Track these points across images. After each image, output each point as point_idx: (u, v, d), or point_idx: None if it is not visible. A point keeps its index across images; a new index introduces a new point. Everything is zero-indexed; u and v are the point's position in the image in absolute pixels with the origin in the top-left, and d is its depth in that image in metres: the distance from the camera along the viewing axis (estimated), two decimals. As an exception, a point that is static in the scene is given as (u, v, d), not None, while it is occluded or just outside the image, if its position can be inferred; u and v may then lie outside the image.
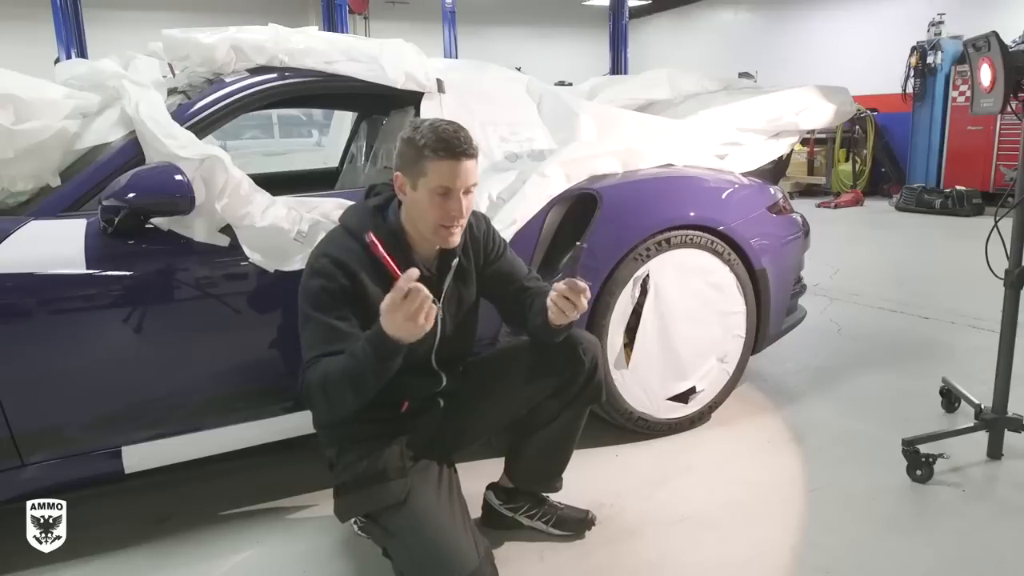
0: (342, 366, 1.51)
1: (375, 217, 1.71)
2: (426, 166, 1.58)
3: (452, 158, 1.57)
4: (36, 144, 1.95)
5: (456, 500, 1.73)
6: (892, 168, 9.29)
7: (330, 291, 1.60)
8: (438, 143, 1.56)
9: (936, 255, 5.96)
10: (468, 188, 1.62)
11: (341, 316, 1.59)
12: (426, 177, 1.59)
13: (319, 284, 1.61)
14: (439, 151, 1.56)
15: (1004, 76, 2.08)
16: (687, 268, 2.46)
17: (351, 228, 1.70)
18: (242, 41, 2.19)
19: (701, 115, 2.94)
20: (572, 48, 15.44)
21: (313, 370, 1.55)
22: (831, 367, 3.22)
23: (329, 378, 1.52)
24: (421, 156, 1.58)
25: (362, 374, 1.49)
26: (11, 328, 1.77)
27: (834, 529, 2.01)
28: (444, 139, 1.57)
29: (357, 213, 1.75)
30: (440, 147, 1.56)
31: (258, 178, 2.07)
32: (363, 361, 1.48)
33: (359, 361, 1.49)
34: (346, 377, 1.50)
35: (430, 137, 1.57)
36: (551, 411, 1.86)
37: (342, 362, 1.52)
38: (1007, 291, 2.25)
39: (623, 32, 10.84)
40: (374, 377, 1.50)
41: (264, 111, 4.52)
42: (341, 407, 1.56)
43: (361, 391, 1.52)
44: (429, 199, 1.60)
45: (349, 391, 1.52)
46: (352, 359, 1.50)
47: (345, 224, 1.73)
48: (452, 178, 1.58)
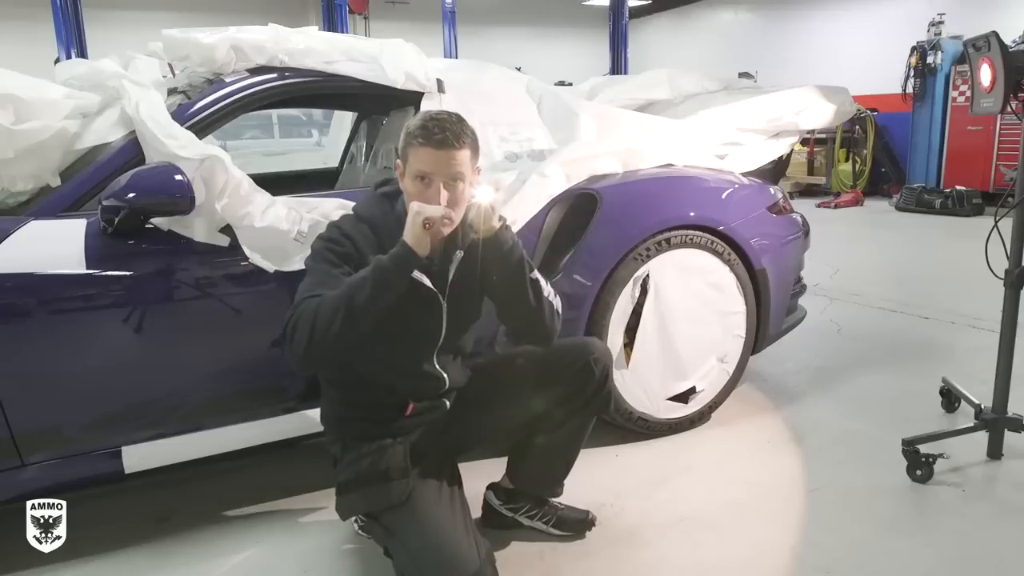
0: (341, 287, 1.52)
1: (383, 204, 1.73)
2: (409, 152, 1.61)
3: (432, 145, 1.57)
4: (36, 144, 1.95)
5: (458, 502, 1.73)
6: (892, 168, 9.29)
7: (335, 250, 1.63)
8: (421, 130, 1.59)
9: (936, 255, 5.96)
10: (453, 178, 1.59)
11: (343, 272, 1.60)
12: (409, 163, 1.61)
13: (325, 243, 1.65)
14: (419, 137, 1.58)
15: (1004, 76, 2.08)
16: (687, 268, 2.46)
17: (361, 213, 1.73)
18: (242, 41, 2.19)
19: (701, 115, 2.93)
20: (572, 48, 15.43)
21: (307, 303, 1.54)
22: (831, 367, 3.22)
23: (324, 302, 1.51)
24: (408, 143, 1.61)
25: (361, 282, 1.50)
26: (11, 328, 1.77)
27: (834, 529, 2.01)
28: (427, 127, 1.58)
29: (368, 200, 1.77)
30: (421, 134, 1.58)
31: (258, 178, 2.07)
32: (367, 269, 1.52)
33: (362, 272, 1.52)
34: (343, 294, 1.50)
35: (417, 124, 1.60)
36: (558, 418, 1.86)
37: (342, 286, 1.53)
38: (1007, 291, 2.25)
39: (623, 32, 10.84)
40: (372, 286, 1.49)
41: (264, 111, 4.52)
42: (324, 338, 1.49)
43: (353, 312, 1.49)
44: (413, 186, 1.61)
45: (342, 313, 1.48)
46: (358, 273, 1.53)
47: (356, 210, 1.76)
48: (430, 164, 1.57)
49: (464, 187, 1.62)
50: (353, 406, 1.78)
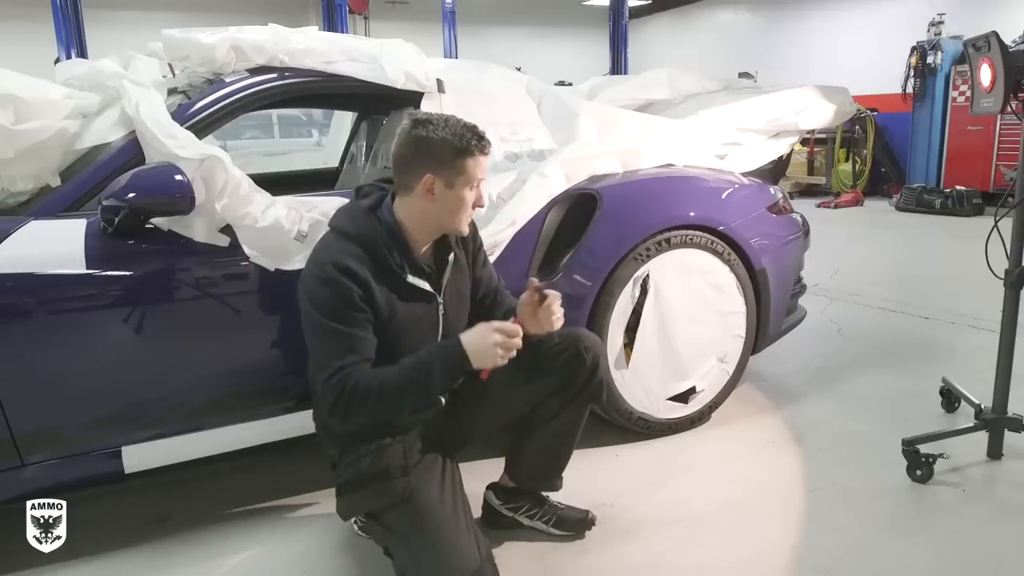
0: (403, 376, 1.59)
1: (370, 217, 1.70)
2: (467, 163, 1.65)
3: (483, 153, 1.67)
4: (36, 144, 1.95)
5: (459, 499, 1.73)
6: (892, 168, 9.29)
7: (344, 300, 1.60)
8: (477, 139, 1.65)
9: (936, 255, 5.96)
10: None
11: (358, 324, 1.61)
12: (465, 175, 1.65)
13: (331, 293, 1.60)
14: (477, 147, 1.65)
15: (1004, 76, 2.08)
16: (687, 268, 2.46)
17: (347, 231, 1.68)
18: (242, 41, 2.19)
19: (701, 115, 2.93)
20: (572, 48, 15.43)
21: (350, 377, 1.56)
22: (831, 367, 3.22)
23: (387, 386, 1.57)
24: (459, 155, 1.64)
25: (427, 384, 1.60)
26: (11, 328, 1.77)
27: (834, 529, 2.01)
28: (478, 134, 1.66)
29: (350, 215, 1.73)
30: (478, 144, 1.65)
31: (258, 178, 2.07)
32: (433, 373, 1.59)
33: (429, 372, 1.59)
34: (408, 385, 1.59)
35: (468, 136, 1.64)
36: (552, 409, 1.87)
37: (403, 373, 1.59)
38: (1007, 291, 2.25)
39: (623, 32, 10.84)
40: (436, 390, 1.64)
41: (264, 111, 4.52)
42: (384, 414, 1.64)
43: (416, 400, 1.64)
44: (470, 195, 1.69)
45: (409, 397, 1.61)
46: (417, 372, 1.60)
47: (340, 228, 1.71)
48: (484, 169, 1.70)
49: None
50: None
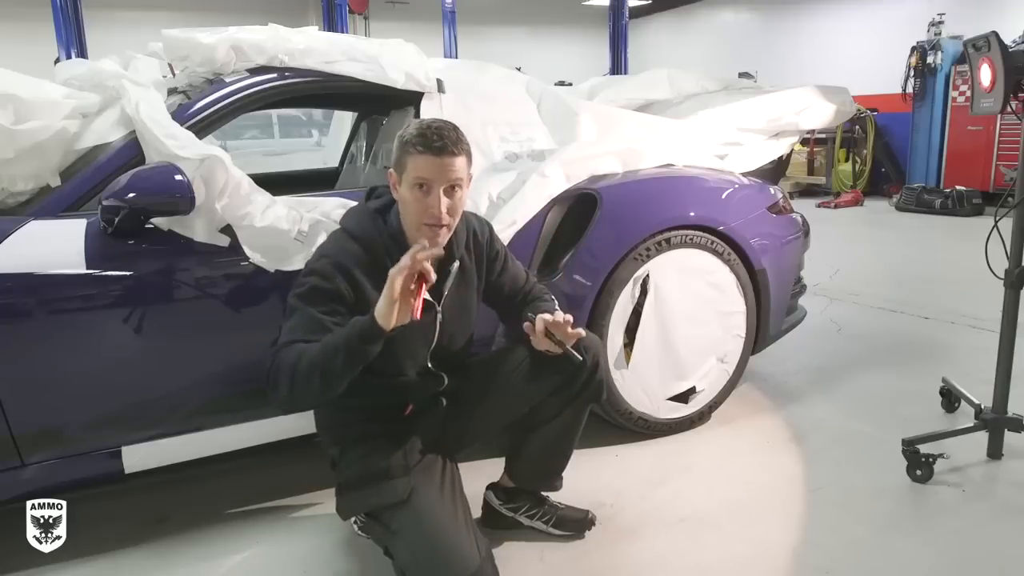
0: (318, 347, 1.51)
1: (376, 220, 1.71)
2: (407, 160, 1.60)
3: (431, 152, 1.58)
4: (36, 144, 1.95)
5: (459, 499, 1.73)
6: (892, 168, 9.29)
7: (323, 289, 1.60)
8: (418, 138, 1.59)
9: (936, 255, 5.96)
10: (451, 186, 1.61)
11: (328, 312, 1.58)
12: (407, 172, 1.61)
13: (313, 281, 1.61)
14: (418, 145, 1.58)
15: (1004, 76, 2.08)
16: (687, 268, 2.46)
17: (352, 231, 1.70)
18: (242, 41, 2.19)
19: (701, 115, 2.94)
20: (572, 48, 15.43)
21: (287, 351, 1.53)
22: (831, 367, 3.22)
23: (303, 358, 1.50)
24: (404, 151, 1.61)
25: (335, 351, 1.48)
26: (11, 328, 1.77)
27: (834, 529, 2.01)
28: (424, 134, 1.59)
29: (358, 216, 1.75)
30: (420, 141, 1.58)
31: (258, 178, 2.07)
32: (340, 338, 1.48)
33: (336, 339, 1.49)
34: (319, 357, 1.49)
35: (413, 132, 1.60)
36: (552, 409, 1.87)
37: (319, 345, 1.51)
38: (1007, 291, 2.25)
39: (623, 32, 10.83)
40: (345, 356, 1.47)
41: (264, 111, 4.52)
42: (303, 392, 1.53)
43: (329, 376, 1.49)
44: (411, 194, 1.61)
45: (317, 375, 1.49)
46: (331, 337, 1.50)
47: (346, 227, 1.74)
48: (430, 171, 1.58)
49: (463, 194, 1.65)
50: (352, 410, 1.78)
